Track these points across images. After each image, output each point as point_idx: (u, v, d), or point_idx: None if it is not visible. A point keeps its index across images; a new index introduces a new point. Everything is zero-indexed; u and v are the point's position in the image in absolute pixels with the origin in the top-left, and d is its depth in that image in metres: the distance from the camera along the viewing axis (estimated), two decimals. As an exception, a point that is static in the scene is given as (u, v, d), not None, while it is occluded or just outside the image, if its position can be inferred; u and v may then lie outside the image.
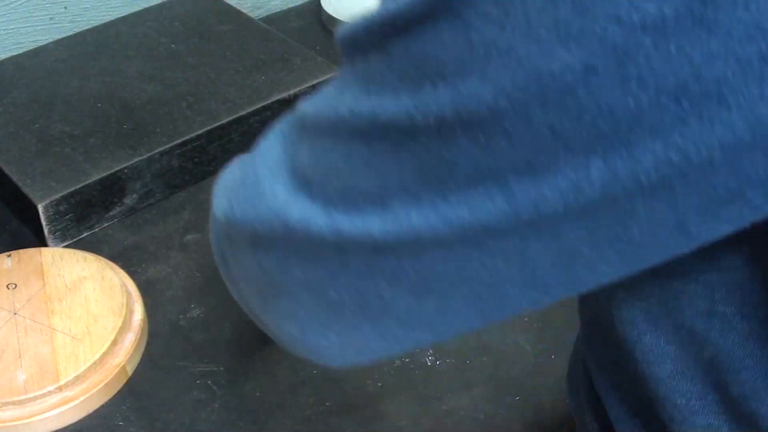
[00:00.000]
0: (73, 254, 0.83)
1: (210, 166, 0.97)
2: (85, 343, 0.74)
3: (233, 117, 0.96)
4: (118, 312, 0.77)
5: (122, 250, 0.88)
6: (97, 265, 0.82)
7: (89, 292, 0.79)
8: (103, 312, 0.77)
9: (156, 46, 1.07)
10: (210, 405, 0.74)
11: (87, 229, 0.90)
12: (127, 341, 0.76)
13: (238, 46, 1.07)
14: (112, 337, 0.75)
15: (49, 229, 0.86)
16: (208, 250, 0.89)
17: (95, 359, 0.73)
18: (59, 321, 0.76)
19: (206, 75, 1.02)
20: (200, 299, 0.83)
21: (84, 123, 0.94)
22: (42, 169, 0.88)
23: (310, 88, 1.02)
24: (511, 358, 0.78)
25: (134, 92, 0.99)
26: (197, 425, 0.72)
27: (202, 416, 0.73)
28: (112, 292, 0.79)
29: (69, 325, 0.76)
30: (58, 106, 0.97)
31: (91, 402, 0.73)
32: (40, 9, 1.14)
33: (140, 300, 0.81)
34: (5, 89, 0.99)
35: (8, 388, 0.71)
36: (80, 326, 0.76)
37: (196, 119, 0.96)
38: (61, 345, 0.74)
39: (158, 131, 0.94)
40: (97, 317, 0.76)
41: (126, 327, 0.77)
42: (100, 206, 0.89)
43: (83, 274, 0.80)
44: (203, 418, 0.73)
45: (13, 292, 0.79)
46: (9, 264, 0.81)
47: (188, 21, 1.12)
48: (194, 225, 0.91)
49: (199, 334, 0.80)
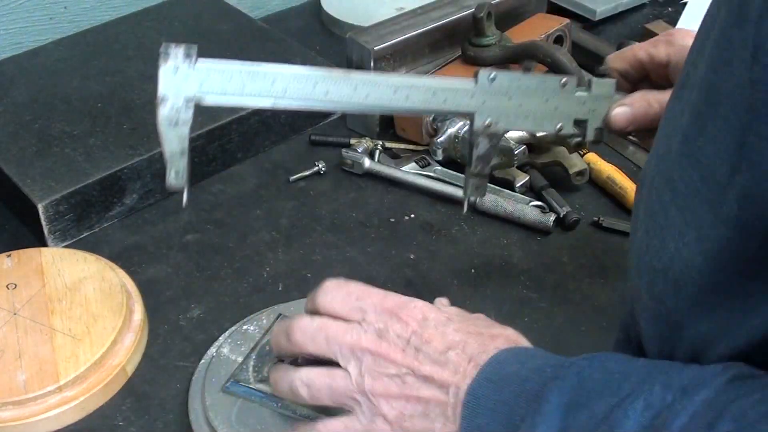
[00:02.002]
0: (73, 254, 0.83)
1: (210, 166, 0.97)
2: (85, 343, 0.74)
3: (233, 117, 0.96)
4: (117, 312, 0.77)
5: (122, 250, 0.88)
6: (97, 266, 0.82)
7: (89, 292, 0.79)
8: (103, 312, 0.77)
9: (156, 46, 1.06)
10: (210, 405, 0.74)
11: (87, 229, 0.90)
12: (127, 341, 0.76)
13: (238, 46, 1.07)
14: (112, 338, 0.75)
15: (49, 229, 0.86)
16: (208, 250, 0.89)
17: (95, 359, 0.73)
18: (59, 321, 0.76)
19: (206, 75, 1.02)
20: (200, 299, 0.83)
21: (84, 123, 0.94)
22: (42, 169, 0.88)
23: (310, 88, 1.01)
24: (511, 358, 0.77)
25: (134, 92, 0.99)
26: (197, 425, 0.72)
27: (202, 416, 0.73)
28: (112, 292, 0.79)
29: (69, 325, 0.76)
30: (58, 106, 0.97)
31: (91, 402, 0.73)
32: (40, 9, 1.14)
33: (140, 300, 0.81)
34: (5, 89, 0.99)
35: (8, 388, 0.71)
36: (80, 326, 0.76)
37: (196, 119, 0.95)
38: (61, 345, 0.74)
39: (158, 131, 0.94)
40: (97, 317, 0.76)
41: (126, 327, 0.77)
42: (100, 206, 0.89)
43: (83, 275, 0.80)
44: (203, 418, 0.73)
45: (13, 292, 0.79)
46: (9, 264, 0.81)
47: (188, 21, 1.12)
48: (194, 225, 0.91)
49: (199, 334, 0.80)
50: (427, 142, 0.99)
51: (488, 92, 0.69)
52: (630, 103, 0.72)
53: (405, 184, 0.96)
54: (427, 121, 0.98)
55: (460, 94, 0.68)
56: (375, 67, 1.02)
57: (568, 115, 0.72)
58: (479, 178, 0.73)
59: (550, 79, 0.71)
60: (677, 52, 0.72)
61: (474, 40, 1.02)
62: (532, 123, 0.71)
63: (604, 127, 0.73)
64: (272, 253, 0.88)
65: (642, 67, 0.75)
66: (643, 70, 0.75)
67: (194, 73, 0.62)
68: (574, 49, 1.12)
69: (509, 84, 0.69)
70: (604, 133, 0.74)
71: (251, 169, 0.99)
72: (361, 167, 0.97)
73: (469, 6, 1.07)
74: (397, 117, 1.00)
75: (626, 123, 0.72)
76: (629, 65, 0.75)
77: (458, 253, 0.88)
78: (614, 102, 0.73)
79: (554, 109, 0.71)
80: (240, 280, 0.85)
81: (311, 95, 0.65)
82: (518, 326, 0.80)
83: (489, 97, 0.69)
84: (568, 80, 0.71)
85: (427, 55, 1.07)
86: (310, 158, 0.99)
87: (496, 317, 0.81)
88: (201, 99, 0.63)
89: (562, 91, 0.71)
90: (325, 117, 1.05)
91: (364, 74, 0.67)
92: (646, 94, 0.72)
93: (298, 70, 0.65)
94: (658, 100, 0.71)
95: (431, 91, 0.68)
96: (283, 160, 1.00)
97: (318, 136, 1.02)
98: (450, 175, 0.96)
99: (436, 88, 0.68)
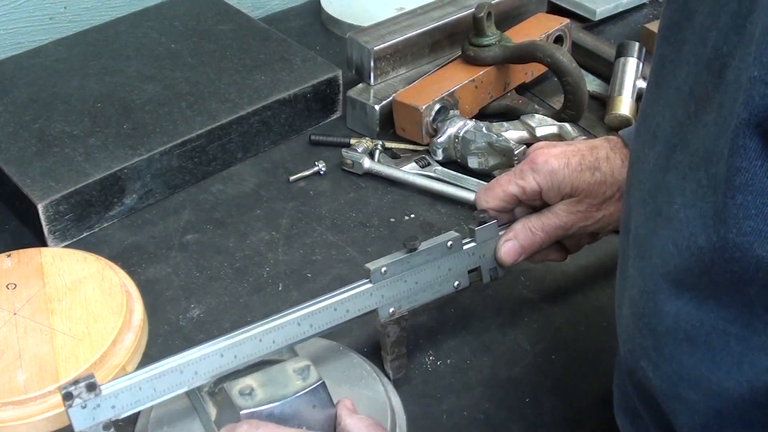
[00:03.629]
0: (73, 254, 0.83)
1: (210, 166, 0.97)
2: (84, 343, 0.74)
3: (233, 117, 0.96)
4: (117, 312, 0.77)
5: (122, 250, 0.88)
6: (97, 265, 0.82)
7: (89, 293, 0.79)
8: (103, 312, 0.77)
9: (156, 46, 1.07)
10: (210, 405, 0.74)
11: (87, 229, 0.90)
12: (127, 341, 0.76)
13: (238, 46, 1.07)
14: (112, 337, 0.75)
15: (49, 229, 0.86)
16: (208, 250, 0.89)
17: (95, 359, 0.73)
18: (59, 321, 0.76)
19: (206, 75, 1.02)
20: (200, 299, 0.83)
21: (84, 123, 0.94)
22: (42, 169, 0.88)
23: (310, 88, 1.02)
24: (511, 358, 0.78)
25: (134, 92, 0.99)
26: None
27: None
28: (112, 292, 0.79)
29: (69, 325, 0.76)
30: (58, 106, 0.97)
31: None
32: (40, 9, 1.14)
33: (140, 300, 0.81)
34: (5, 89, 0.99)
35: (8, 388, 0.71)
36: (80, 326, 0.76)
37: (196, 119, 0.96)
38: (60, 345, 0.74)
39: (158, 131, 0.94)
40: (97, 317, 0.76)
41: (126, 327, 0.77)
42: (100, 206, 0.89)
43: (83, 274, 0.80)
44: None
45: (13, 292, 0.79)
46: (9, 264, 0.81)
47: (188, 21, 1.12)
48: (194, 225, 0.91)
49: (199, 334, 0.80)
50: (427, 142, 0.99)
51: (384, 285, 0.71)
52: (514, 237, 0.74)
53: (405, 184, 0.96)
54: (427, 121, 0.98)
55: (360, 298, 0.70)
56: (375, 66, 1.02)
57: (461, 270, 0.74)
58: (399, 360, 0.74)
59: (436, 248, 0.72)
60: (545, 178, 0.72)
61: (474, 40, 1.02)
62: (431, 293, 0.73)
63: (498, 266, 0.75)
64: (272, 253, 0.88)
65: (515, 199, 0.75)
66: (517, 201, 0.75)
67: (103, 400, 0.61)
68: (574, 49, 1.12)
69: (401, 268, 0.71)
70: (499, 270, 0.76)
71: (251, 169, 0.99)
72: (361, 167, 0.97)
73: (469, 6, 1.07)
74: (397, 117, 1.00)
75: (516, 256, 0.74)
76: (503, 201, 0.75)
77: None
78: (499, 239, 0.74)
79: (448, 270, 0.73)
80: (240, 280, 0.85)
81: (222, 365, 0.64)
82: (518, 326, 0.81)
83: (386, 289, 0.71)
84: (453, 240, 0.73)
85: (427, 55, 1.07)
86: (310, 158, 0.99)
87: (496, 317, 0.82)
88: (118, 417, 0.62)
89: (450, 252, 0.73)
90: (325, 117, 1.05)
91: (262, 324, 0.66)
92: (527, 222, 0.74)
93: (201, 350, 0.64)
94: (540, 228, 0.73)
95: (332, 308, 0.68)
96: (283, 160, 1.00)
97: (318, 136, 1.02)
98: (450, 175, 0.96)
99: (336, 304, 0.68)
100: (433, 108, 0.98)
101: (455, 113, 0.99)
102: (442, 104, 0.99)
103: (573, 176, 0.72)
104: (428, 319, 0.80)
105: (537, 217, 0.74)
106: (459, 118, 0.97)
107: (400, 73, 1.05)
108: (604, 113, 1.04)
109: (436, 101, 0.98)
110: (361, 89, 1.04)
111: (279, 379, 0.63)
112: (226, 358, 0.65)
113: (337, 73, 1.03)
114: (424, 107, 0.97)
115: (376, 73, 1.03)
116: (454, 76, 1.02)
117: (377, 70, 1.03)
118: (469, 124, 0.95)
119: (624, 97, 1.03)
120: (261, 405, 0.61)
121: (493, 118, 1.03)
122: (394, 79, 1.05)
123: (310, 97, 1.02)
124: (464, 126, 0.95)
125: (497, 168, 0.94)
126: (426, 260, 0.72)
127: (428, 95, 0.99)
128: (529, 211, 0.76)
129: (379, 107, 1.01)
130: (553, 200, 0.74)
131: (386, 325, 0.72)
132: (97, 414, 0.60)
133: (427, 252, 0.72)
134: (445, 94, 0.99)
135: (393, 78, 1.05)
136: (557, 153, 0.73)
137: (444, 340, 0.79)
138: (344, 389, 0.70)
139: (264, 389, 0.62)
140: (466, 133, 0.95)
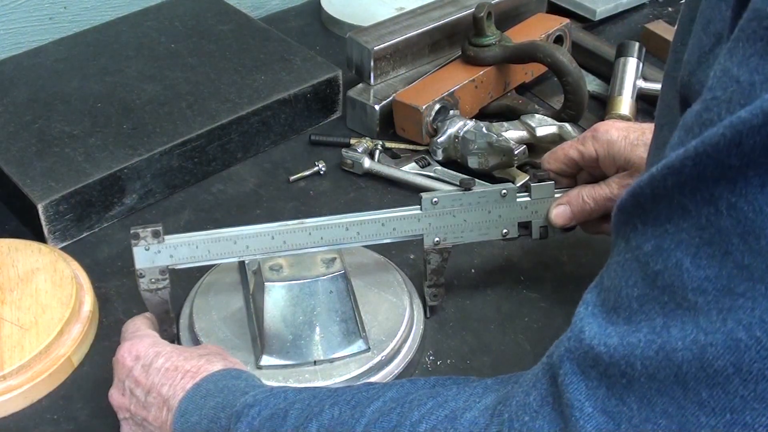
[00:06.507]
0: (28, 245, 0.83)
1: (210, 166, 0.97)
2: (31, 333, 0.75)
3: (233, 117, 0.96)
4: (66, 303, 0.77)
5: (122, 250, 0.88)
6: (50, 257, 0.82)
7: (40, 283, 0.79)
8: (52, 303, 0.77)
9: (156, 46, 1.07)
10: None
11: (87, 229, 0.90)
12: (75, 332, 0.77)
13: (238, 46, 1.07)
14: (58, 328, 0.76)
15: (49, 229, 0.86)
16: (208, 250, 0.89)
17: (40, 349, 0.74)
18: (9, 311, 0.77)
19: (206, 75, 1.02)
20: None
21: (84, 123, 0.94)
22: (42, 169, 0.88)
23: (310, 88, 1.02)
24: (511, 358, 0.78)
25: (134, 92, 0.99)
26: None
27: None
28: (62, 283, 0.79)
29: (18, 315, 0.76)
30: (58, 106, 0.97)
31: (36, 391, 0.74)
32: (40, 9, 1.14)
33: (91, 291, 0.81)
34: (5, 89, 0.99)
35: (-48, 376, 0.71)
36: (28, 316, 0.76)
37: (196, 119, 0.96)
38: (7, 334, 0.75)
39: (158, 131, 0.94)
40: (46, 308, 0.77)
41: (74, 318, 0.78)
42: (100, 206, 0.89)
43: (36, 266, 0.81)
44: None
45: (-36, 282, 0.79)
46: (-37, 255, 0.82)
47: (188, 21, 1.12)
48: (194, 225, 0.91)
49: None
50: (427, 142, 0.99)
51: (433, 215, 0.74)
52: (567, 202, 0.77)
53: (405, 184, 0.96)
54: (427, 121, 0.98)
55: (408, 221, 0.74)
56: (375, 66, 1.02)
57: (511, 220, 0.77)
58: (435, 288, 0.79)
59: (490, 192, 0.76)
60: (603, 147, 0.76)
61: (474, 40, 1.02)
62: (478, 234, 0.76)
63: (548, 225, 0.78)
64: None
65: (575, 164, 0.79)
66: (577, 166, 0.79)
67: (164, 248, 0.70)
68: (574, 49, 1.12)
69: (452, 203, 0.75)
70: (549, 230, 0.78)
71: (251, 169, 0.99)
72: (361, 167, 0.97)
73: (469, 6, 1.07)
74: (397, 117, 1.00)
75: (566, 221, 0.77)
76: (564, 164, 0.79)
77: (458, 253, 0.88)
78: (554, 201, 0.77)
79: (498, 217, 0.76)
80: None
81: (271, 247, 0.72)
82: (518, 326, 0.81)
83: (434, 219, 0.75)
84: (508, 190, 0.76)
85: (427, 55, 1.07)
86: (310, 158, 0.99)
87: (496, 317, 0.82)
88: (175, 266, 0.71)
89: (503, 200, 0.76)
90: (325, 117, 1.05)
91: (316, 220, 0.73)
92: (582, 190, 0.77)
93: (256, 228, 0.72)
94: (591, 196, 0.76)
95: (380, 222, 0.74)
96: (283, 160, 1.00)
97: (318, 136, 1.02)
98: (450, 175, 0.96)
99: (384, 220, 0.73)
100: (433, 108, 0.98)
101: (455, 113, 0.99)
102: (442, 104, 0.99)
103: (628, 149, 0.75)
104: (428, 318, 0.80)
105: (592, 186, 0.77)
106: (459, 118, 0.97)
107: (400, 73, 1.05)
108: (604, 113, 1.04)
109: (436, 101, 0.98)
110: (361, 89, 1.04)
111: (306, 263, 0.72)
112: (276, 242, 0.72)
113: (337, 73, 1.03)
114: (424, 107, 0.97)
115: (376, 73, 1.03)
116: (454, 76, 1.02)
117: (377, 70, 1.03)
118: (469, 124, 0.95)
119: (624, 97, 1.03)
120: (284, 281, 0.70)
121: (493, 118, 1.03)
122: (394, 79, 1.05)
123: (310, 97, 1.02)
124: (464, 126, 0.95)
125: (497, 168, 0.94)
126: (478, 201, 0.75)
127: (428, 95, 0.99)
128: (591, 181, 0.79)
129: (379, 107, 1.01)
130: (609, 170, 0.77)
131: (429, 251, 0.76)
132: (156, 258, 0.70)
133: (480, 194, 0.75)
134: (445, 94, 0.99)
135: (393, 78, 1.05)
136: (620, 126, 0.77)
137: (444, 340, 0.79)
138: (372, 291, 0.78)
139: (291, 269, 0.71)
140: (466, 133, 0.95)
